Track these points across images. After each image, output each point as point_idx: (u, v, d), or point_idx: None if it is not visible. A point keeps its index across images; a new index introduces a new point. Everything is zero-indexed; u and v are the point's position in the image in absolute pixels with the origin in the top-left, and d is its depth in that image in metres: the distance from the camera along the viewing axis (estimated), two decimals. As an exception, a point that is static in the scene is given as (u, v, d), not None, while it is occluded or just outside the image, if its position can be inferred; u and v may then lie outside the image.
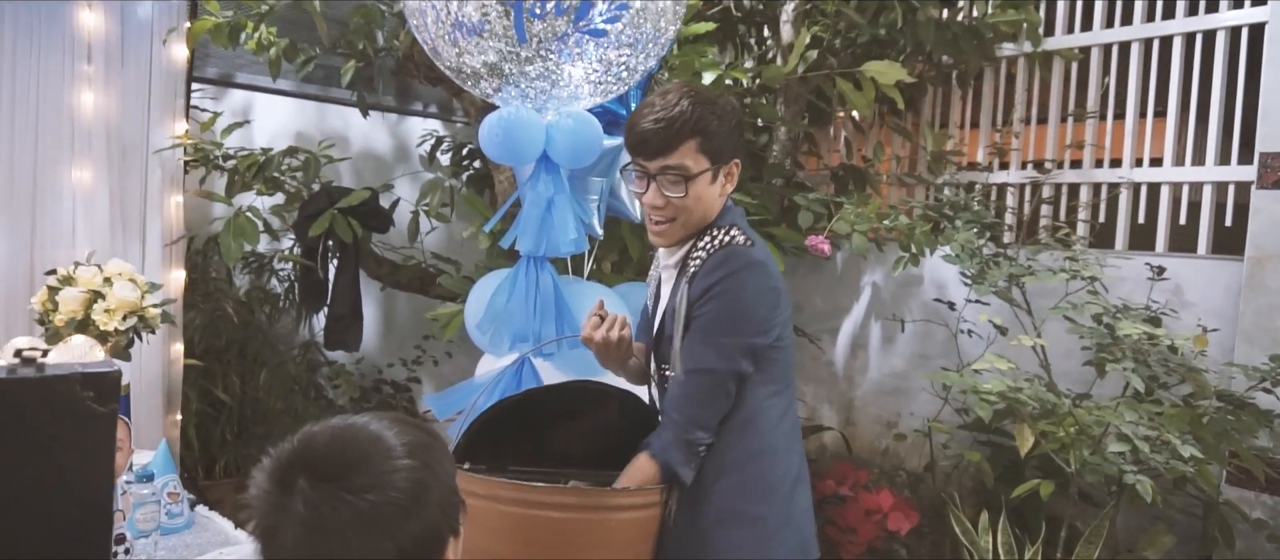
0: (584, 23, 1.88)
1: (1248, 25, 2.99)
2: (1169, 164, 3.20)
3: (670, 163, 1.55)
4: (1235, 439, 2.40)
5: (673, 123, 1.53)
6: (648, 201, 1.59)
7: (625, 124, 1.61)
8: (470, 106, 3.18)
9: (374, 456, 0.92)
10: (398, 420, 0.99)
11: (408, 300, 4.08)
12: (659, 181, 1.57)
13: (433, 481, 0.93)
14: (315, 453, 0.92)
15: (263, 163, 2.97)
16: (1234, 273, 2.92)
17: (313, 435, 0.95)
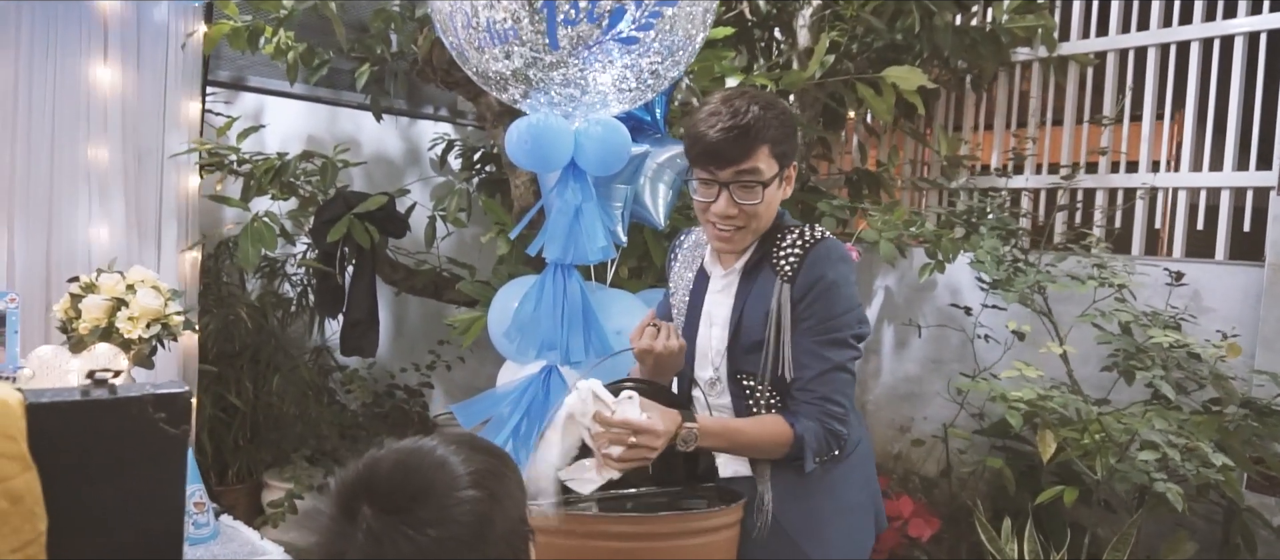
0: (617, 29, 1.86)
1: (1267, 31, 2.99)
2: (1186, 169, 3.20)
3: (744, 169, 1.52)
4: (1260, 446, 2.40)
5: (747, 130, 1.50)
6: (718, 211, 1.55)
7: (689, 135, 1.56)
8: (487, 111, 3.16)
9: (438, 487, 0.90)
10: (465, 445, 0.97)
11: (418, 305, 4.06)
12: (731, 190, 1.53)
13: (497, 514, 0.91)
14: (379, 480, 0.90)
15: (279, 167, 2.95)
16: (1253, 279, 2.92)
17: (377, 461, 0.93)
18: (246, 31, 2.84)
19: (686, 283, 1.74)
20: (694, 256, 1.75)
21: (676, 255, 1.81)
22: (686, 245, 1.79)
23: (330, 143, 3.87)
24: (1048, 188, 3.53)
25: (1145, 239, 3.29)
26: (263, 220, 2.81)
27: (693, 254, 1.76)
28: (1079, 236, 3.31)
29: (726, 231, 1.57)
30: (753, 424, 1.55)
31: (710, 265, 1.69)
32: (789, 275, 1.56)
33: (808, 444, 1.51)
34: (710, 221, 1.59)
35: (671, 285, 1.79)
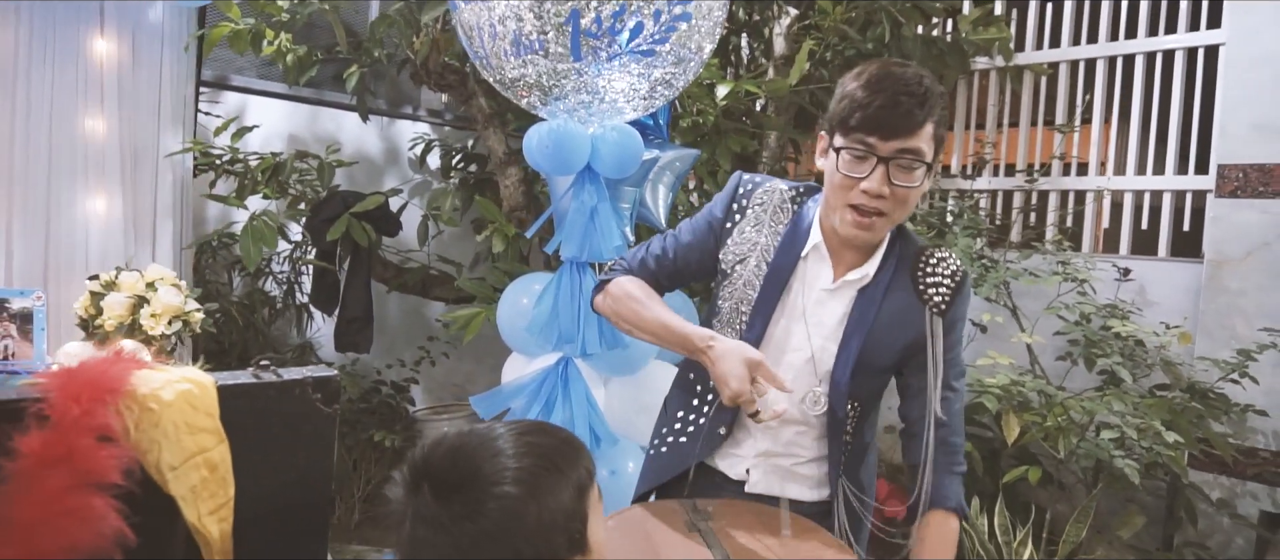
0: (636, 42, 1.99)
1: (1203, 46, 3.26)
2: (1131, 173, 3.46)
3: (909, 146, 1.32)
4: (1203, 426, 2.64)
5: (922, 101, 1.32)
6: (869, 188, 1.34)
7: (845, 99, 1.35)
8: (479, 113, 3.25)
9: (481, 478, 0.92)
10: (531, 437, 0.97)
11: (399, 302, 4.12)
12: (890, 166, 1.33)
13: (530, 511, 0.91)
14: (434, 462, 0.94)
15: (275, 166, 3.00)
16: (1192, 274, 3.19)
17: (439, 442, 0.97)
18: (248, 34, 2.89)
19: (761, 253, 1.48)
20: (775, 222, 1.50)
21: (746, 203, 1.52)
22: (759, 198, 1.52)
23: (312, 142, 3.91)
24: (1005, 189, 3.77)
25: (1094, 237, 3.54)
26: (262, 219, 2.86)
27: (773, 217, 1.50)
28: (1036, 235, 3.55)
29: (868, 215, 1.36)
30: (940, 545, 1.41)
31: (815, 261, 1.46)
32: (940, 307, 1.41)
33: (962, 503, 1.44)
34: (850, 204, 1.37)
35: (733, 243, 1.50)
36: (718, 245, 1.51)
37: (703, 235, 1.53)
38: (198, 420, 0.84)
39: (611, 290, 1.53)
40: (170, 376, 0.86)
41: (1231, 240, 3.05)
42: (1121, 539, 2.81)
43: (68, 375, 0.74)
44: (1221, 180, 3.09)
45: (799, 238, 1.47)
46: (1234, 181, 3.06)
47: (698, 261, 1.54)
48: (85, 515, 0.68)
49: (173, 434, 0.83)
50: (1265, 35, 3.01)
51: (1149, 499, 3.03)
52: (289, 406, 0.92)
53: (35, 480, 0.67)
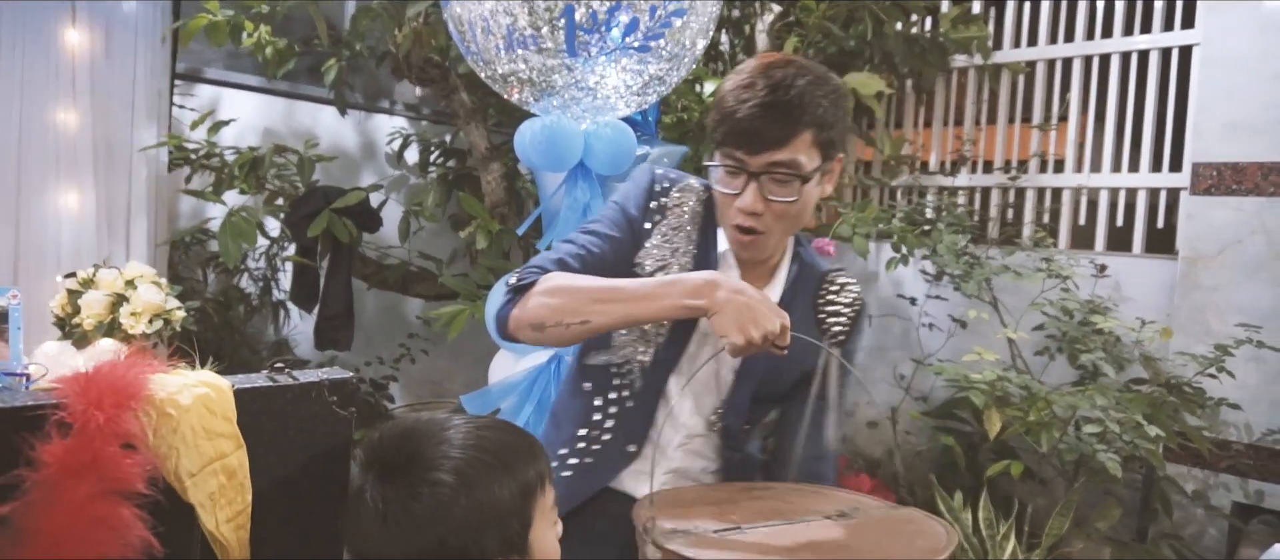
0: (631, 39, 1.98)
1: (1178, 47, 3.32)
2: (1107, 170, 3.51)
3: (780, 159, 1.22)
4: (1179, 420, 2.69)
5: (788, 109, 1.20)
6: (743, 205, 1.25)
7: (716, 108, 1.27)
8: (460, 108, 3.22)
9: (418, 462, 0.91)
10: (481, 433, 0.95)
11: (376, 299, 4.07)
12: (762, 182, 1.24)
13: (460, 505, 0.89)
14: (386, 444, 0.93)
15: (254, 161, 2.95)
16: (1167, 270, 3.25)
17: (396, 425, 0.96)
18: (227, 26, 2.83)
19: (679, 261, 1.37)
20: (692, 227, 1.39)
21: (665, 202, 1.40)
22: (676, 199, 1.40)
23: (287, 136, 3.85)
24: (983, 186, 3.81)
25: (1072, 233, 3.59)
26: (241, 215, 2.80)
27: (690, 222, 1.39)
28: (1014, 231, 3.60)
29: (749, 232, 1.28)
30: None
31: (724, 271, 1.36)
32: (839, 339, 1.37)
33: None
34: (731, 221, 1.30)
35: (652, 247, 1.37)
36: (634, 248, 1.37)
37: (623, 234, 1.37)
38: (216, 425, 0.82)
39: (543, 290, 1.27)
40: (187, 380, 0.83)
41: (1205, 237, 3.11)
42: (1099, 531, 2.86)
43: (87, 380, 0.72)
44: (1195, 178, 3.14)
45: (710, 244, 1.37)
46: (1208, 179, 3.12)
47: (616, 263, 1.37)
48: (112, 525, 0.66)
49: (191, 439, 0.80)
50: (1238, 36, 3.07)
51: (1125, 491, 3.08)
52: (305, 409, 0.90)
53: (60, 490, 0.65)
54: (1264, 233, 3.00)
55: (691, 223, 1.38)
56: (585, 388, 1.41)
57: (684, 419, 1.38)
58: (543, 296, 1.26)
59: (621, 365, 1.37)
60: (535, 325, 1.26)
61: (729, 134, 1.25)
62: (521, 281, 1.30)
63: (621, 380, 1.37)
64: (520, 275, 1.32)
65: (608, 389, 1.37)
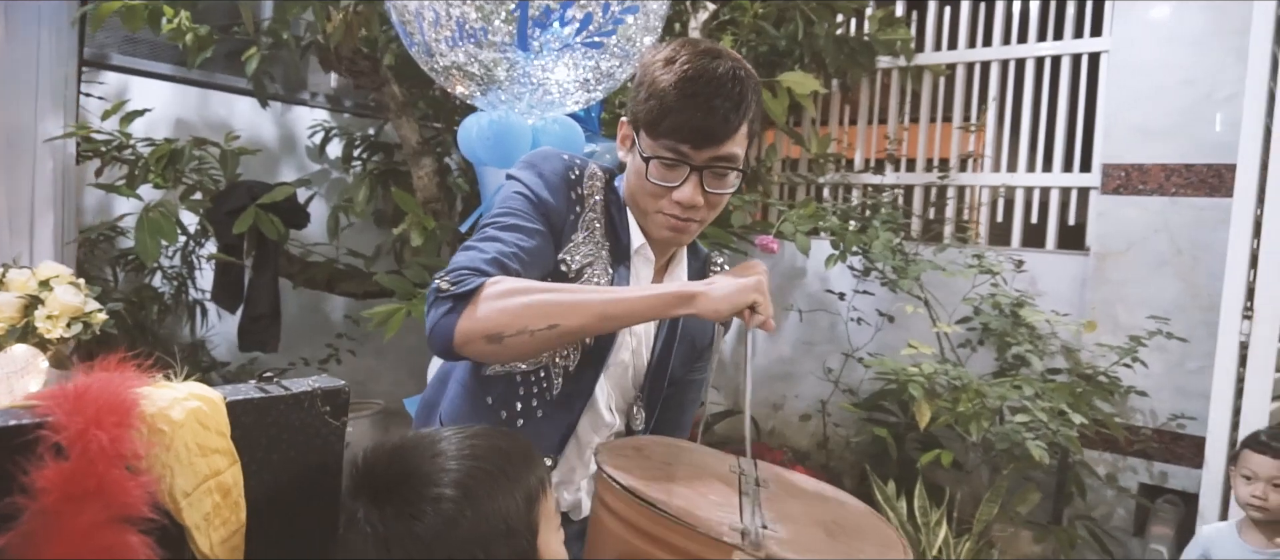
0: (584, 35, 1.96)
1: (1088, 53, 3.49)
2: (1023, 170, 3.67)
3: (723, 153, 1.20)
4: (1097, 408, 2.84)
5: (737, 104, 1.18)
6: (683, 198, 1.21)
7: (652, 96, 1.18)
8: (391, 101, 3.13)
9: (414, 480, 0.87)
10: (474, 442, 0.92)
11: (298, 298, 3.93)
12: (704, 175, 1.21)
13: (466, 517, 0.86)
14: (377, 466, 0.88)
15: (171, 154, 2.79)
16: (1078, 266, 3.42)
17: (384, 445, 0.91)
18: (145, 10, 2.67)
19: (604, 254, 1.30)
20: (606, 217, 1.31)
21: (583, 192, 1.30)
22: (589, 187, 1.31)
23: (202, 128, 3.67)
24: (907, 184, 3.93)
25: (990, 230, 3.74)
26: (159, 210, 2.65)
27: (604, 212, 1.31)
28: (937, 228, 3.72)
29: (683, 222, 1.24)
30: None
31: (639, 262, 1.32)
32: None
33: None
34: (662, 211, 1.24)
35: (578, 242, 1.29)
36: (559, 242, 1.27)
37: (547, 228, 1.26)
38: (210, 441, 0.77)
39: (496, 294, 1.13)
40: (177, 393, 0.78)
41: (1114, 234, 3.29)
42: (1020, 514, 2.99)
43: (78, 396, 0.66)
44: (1105, 178, 3.32)
45: (619, 234, 1.30)
46: (1116, 179, 3.30)
47: (543, 261, 1.25)
48: (121, 552, 0.61)
49: (185, 457, 0.75)
50: (1144, 44, 3.25)
51: (1041, 476, 3.24)
52: (297, 420, 0.86)
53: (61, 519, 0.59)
54: (1167, 230, 3.18)
55: (603, 214, 1.30)
56: (487, 401, 1.29)
57: (605, 419, 1.34)
58: (497, 301, 1.12)
59: (529, 373, 1.28)
60: (491, 335, 1.12)
61: (674, 129, 1.17)
62: (460, 288, 1.14)
63: (528, 389, 1.29)
64: (453, 280, 1.16)
65: (514, 400, 1.28)
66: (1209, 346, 2.99)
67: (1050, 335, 3.19)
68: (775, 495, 1.11)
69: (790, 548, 0.93)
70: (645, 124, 1.20)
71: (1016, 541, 3.27)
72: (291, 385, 0.86)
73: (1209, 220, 3.09)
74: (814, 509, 1.14)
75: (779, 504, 1.08)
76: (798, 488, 1.23)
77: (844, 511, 1.19)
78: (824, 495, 1.24)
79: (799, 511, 1.09)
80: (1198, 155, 3.14)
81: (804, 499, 1.17)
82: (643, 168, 1.21)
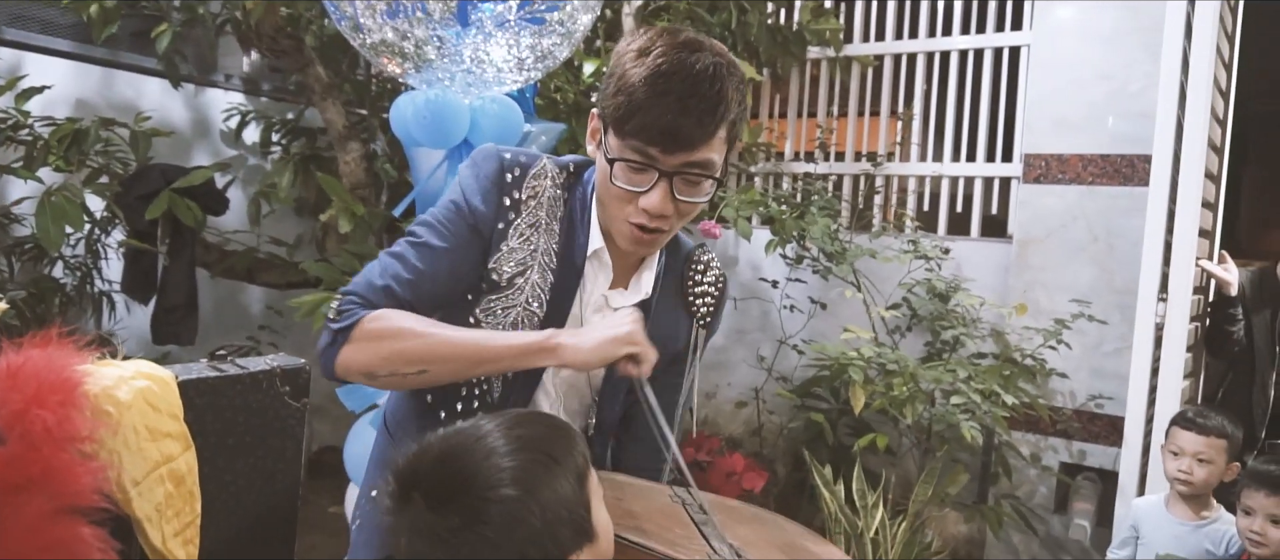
0: (526, 11, 1.90)
1: (1010, 47, 3.59)
2: (948, 160, 3.76)
3: (697, 159, 1.10)
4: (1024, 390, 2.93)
5: (713, 106, 1.08)
6: (650, 206, 1.12)
7: (620, 92, 1.09)
8: (316, 83, 3.00)
9: (475, 483, 0.86)
10: (520, 431, 0.91)
11: (214, 288, 3.74)
12: (674, 181, 1.11)
13: (532, 513, 0.86)
14: (426, 470, 0.88)
15: (75, 135, 2.61)
16: (1001, 253, 3.52)
17: (429, 448, 0.90)
18: (45, -21, 2.49)
19: (543, 259, 1.23)
20: (551, 219, 1.24)
21: (518, 195, 1.22)
22: (531, 188, 1.23)
23: (105, 109, 3.46)
24: (838, 174, 3.98)
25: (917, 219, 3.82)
26: (62, 195, 2.48)
27: (549, 213, 1.24)
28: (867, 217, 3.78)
29: (650, 234, 1.16)
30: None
31: (595, 266, 1.25)
32: (705, 320, 1.32)
33: None
34: (628, 219, 1.15)
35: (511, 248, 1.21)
36: (487, 251, 1.20)
37: (464, 241, 1.19)
38: (161, 424, 0.70)
39: (369, 334, 1.11)
40: (123, 372, 0.71)
41: (1034, 222, 3.39)
42: (949, 495, 3.07)
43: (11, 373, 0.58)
44: (1027, 168, 3.42)
45: (576, 235, 1.23)
46: (1037, 169, 3.41)
47: (466, 274, 1.20)
48: (73, 549, 0.53)
49: (134, 442, 0.68)
50: (1063, 39, 3.36)
51: (968, 457, 3.33)
52: (255, 402, 0.79)
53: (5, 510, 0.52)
54: (1084, 218, 3.31)
55: (550, 214, 1.22)
56: (427, 401, 1.25)
57: (555, 399, 1.30)
58: (371, 342, 1.11)
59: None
60: (366, 374, 1.12)
61: (642, 129, 1.07)
62: (342, 321, 1.13)
63: (470, 391, 1.24)
64: (340, 308, 1.14)
65: (454, 402, 1.23)
66: (1123, 329, 3.12)
67: (975, 321, 3.28)
68: (723, 522, 1.10)
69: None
70: (613, 121, 1.11)
71: (946, 521, 3.36)
72: (248, 364, 0.80)
73: (1122, 208, 3.22)
74: (762, 532, 1.14)
75: (731, 530, 1.07)
76: (737, 512, 1.24)
77: (786, 533, 1.19)
78: (761, 518, 1.25)
79: (751, 536, 1.09)
80: (1112, 146, 3.27)
81: (747, 523, 1.18)
82: (608, 172, 1.12)
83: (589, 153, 1.23)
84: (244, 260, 3.15)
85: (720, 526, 1.07)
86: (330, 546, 3.16)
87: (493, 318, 1.22)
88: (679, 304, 1.31)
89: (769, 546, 1.06)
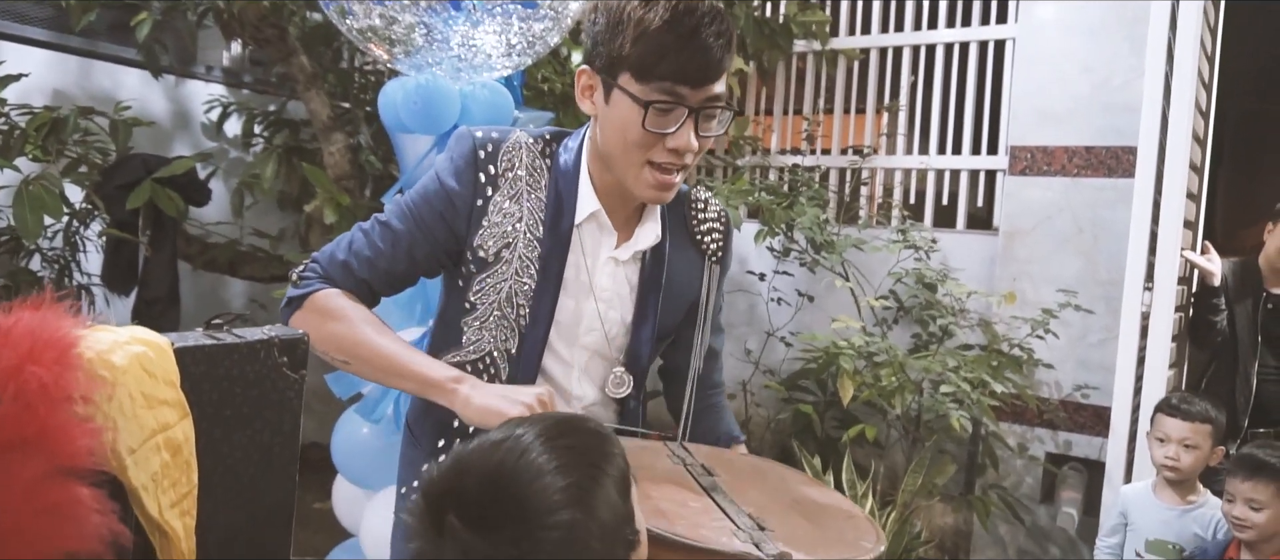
0: (518, -5, 1.88)
1: (995, 40, 3.61)
2: (934, 153, 3.78)
3: (716, 92, 1.14)
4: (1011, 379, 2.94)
5: (728, 38, 1.13)
6: (679, 144, 1.14)
7: (643, 34, 1.11)
8: (300, 73, 2.96)
9: (531, 506, 0.81)
10: (562, 442, 0.86)
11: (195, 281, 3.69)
12: (701, 117, 1.15)
13: (592, 531, 0.83)
14: (468, 491, 0.82)
15: (53, 123, 2.56)
16: (988, 245, 3.54)
17: (466, 467, 0.84)
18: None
19: (528, 230, 1.24)
20: (533, 189, 1.25)
21: (494, 170, 1.24)
22: (506, 161, 1.25)
23: (83, 99, 3.40)
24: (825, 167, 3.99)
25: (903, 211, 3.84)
26: (41, 184, 2.43)
27: (529, 184, 1.25)
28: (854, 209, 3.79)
29: (671, 175, 1.18)
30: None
31: (593, 229, 1.27)
32: (717, 255, 1.34)
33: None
34: (651, 162, 1.17)
35: (492, 224, 1.23)
36: (468, 230, 1.23)
37: (433, 221, 1.23)
38: (157, 391, 0.67)
39: (316, 307, 1.20)
40: (118, 336, 0.68)
41: (1021, 214, 3.41)
42: (937, 486, 3.08)
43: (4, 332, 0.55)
44: (1012, 160, 3.44)
45: (564, 202, 1.24)
46: (1022, 161, 3.42)
47: (427, 256, 1.24)
48: (71, 512, 0.51)
49: (130, 408, 0.65)
50: (1047, 32, 3.38)
51: (955, 448, 3.34)
52: (252, 372, 0.77)
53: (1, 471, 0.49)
54: (1070, 210, 3.33)
55: (531, 184, 1.25)
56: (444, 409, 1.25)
57: (575, 391, 1.31)
58: (314, 316, 1.20)
59: (479, 360, 1.27)
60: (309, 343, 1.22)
61: (673, 70, 1.11)
62: (300, 289, 1.22)
63: (478, 374, 1.25)
64: (302, 274, 1.24)
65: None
66: (1108, 320, 3.15)
67: (962, 311, 3.29)
68: (730, 483, 1.09)
69: (796, 546, 0.91)
70: (635, 69, 1.12)
71: (933, 512, 3.36)
72: (245, 333, 0.77)
73: (1107, 200, 3.24)
74: (771, 492, 1.13)
75: (741, 494, 1.06)
76: (736, 467, 1.22)
77: (790, 484, 1.18)
78: (761, 471, 1.24)
79: (763, 499, 1.08)
80: (1096, 138, 3.29)
81: (753, 480, 1.16)
82: (628, 118, 1.14)
83: (586, 111, 1.22)
84: (226, 253, 3.11)
85: (730, 489, 1.05)
86: (316, 542, 3.13)
87: (485, 296, 1.24)
88: (688, 244, 1.33)
89: (784, 510, 1.04)
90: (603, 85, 1.18)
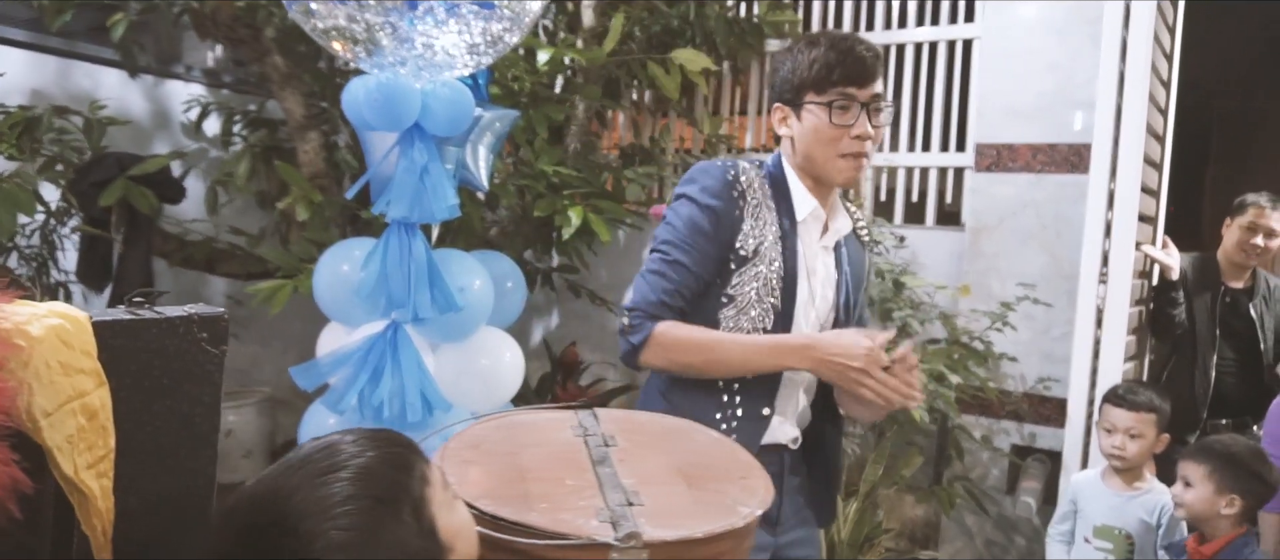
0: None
1: (962, 39, 3.67)
2: (904, 150, 3.83)
3: (878, 91, 1.52)
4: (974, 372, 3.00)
5: (874, 50, 1.52)
6: (861, 132, 1.50)
7: (818, 60, 1.49)
8: (274, 73, 3.01)
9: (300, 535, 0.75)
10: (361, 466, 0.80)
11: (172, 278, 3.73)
12: (870, 110, 1.51)
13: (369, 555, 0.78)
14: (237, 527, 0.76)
15: (27, 122, 2.61)
16: (955, 241, 3.59)
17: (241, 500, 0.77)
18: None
19: (772, 231, 1.54)
20: (768, 199, 1.55)
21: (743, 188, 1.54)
22: (746, 182, 1.55)
23: (61, 99, 3.43)
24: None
25: (873, 208, 3.89)
26: (15, 182, 2.48)
27: (765, 196, 1.55)
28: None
29: (860, 158, 1.52)
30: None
31: (808, 225, 1.58)
32: (870, 245, 1.73)
33: None
34: (844, 153, 1.51)
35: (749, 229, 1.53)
36: (733, 239, 1.52)
37: (709, 240, 1.52)
38: (74, 360, 0.72)
39: (660, 343, 1.49)
40: (36, 310, 0.73)
41: (987, 210, 3.47)
42: (904, 477, 3.13)
43: (-81, 301, 0.60)
44: (979, 157, 3.50)
45: (785, 207, 1.56)
46: (988, 158, 3.48)
47: (709, 270, 1.53)
48: None
49: (45, 375, 0.70)
50: (1012, 32, 3.44)
51: (923, 440, 3.39)
52: (172, 346, 0.82)
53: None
54: (1034, 206, 3.39)
55: (764, 195, 1.55)
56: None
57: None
58: (661, 350, 1.49)
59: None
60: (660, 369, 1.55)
61: (846, 73, 1.48)
62: (636, 335, 1.50)
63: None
64: (630, 323, 1.52)
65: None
66: (1070, 314, 3.19)
67: (929, 305, 3.35)
68: (627, 451, 1.10)
69: (660, 520, 0.90)
70: (813, 84, 1.50)
71: (901, 504, 3.42)
72: (165, 310, 0.83)
73: (1070, 196, 3.30)
74: (668, 456, 1.12)
75: (634, 462, 1.06)
76: (644, 431, 1.22)
77: (694, 447, 1.18)
78: (673, 434, 1.23)
79: (655, 465, 1.08)
80: (1060, 136, 3.35)
81: (655, 445, 1.17)
82: (818, 123, 1.50)
83: (784, 135, 1.58)
84: (203, 250, 3.15)
85: (621, 461, 1.05)
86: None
87: (743, 287, 1.52)
88: (852, 235, 1.67)
89: (673, 477, 1.05)
90: (793, 111, 1.55)
